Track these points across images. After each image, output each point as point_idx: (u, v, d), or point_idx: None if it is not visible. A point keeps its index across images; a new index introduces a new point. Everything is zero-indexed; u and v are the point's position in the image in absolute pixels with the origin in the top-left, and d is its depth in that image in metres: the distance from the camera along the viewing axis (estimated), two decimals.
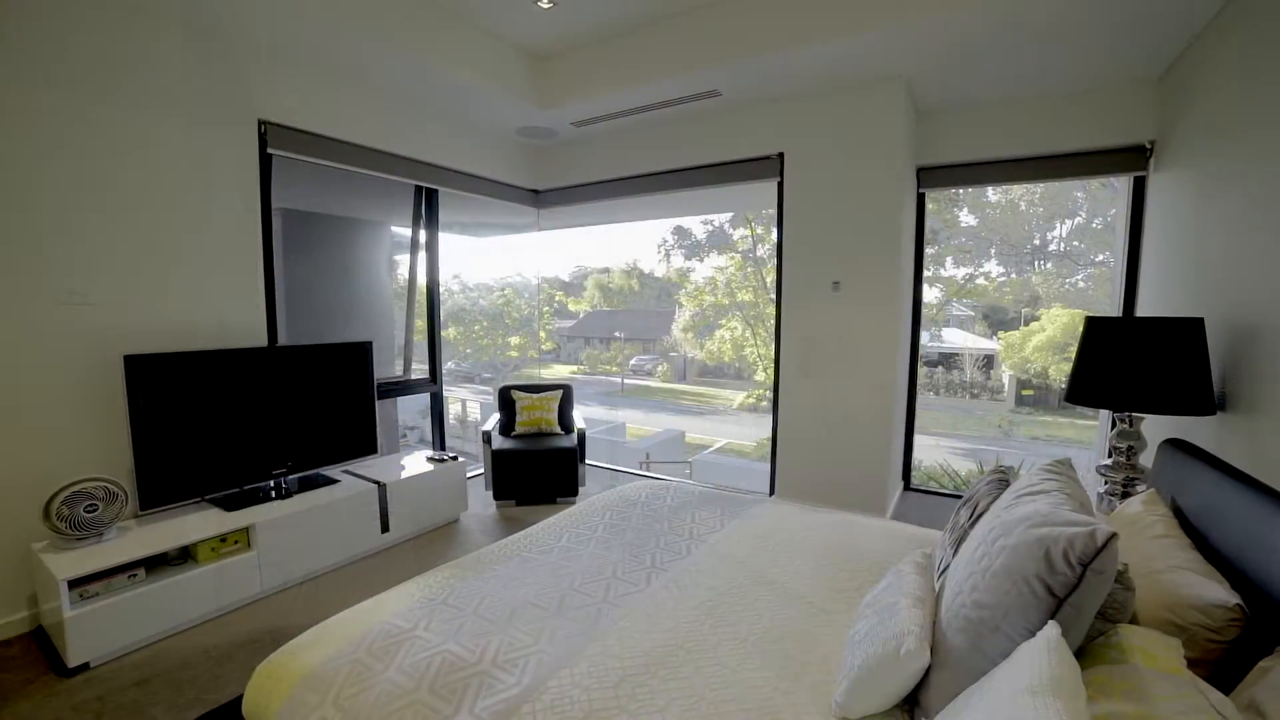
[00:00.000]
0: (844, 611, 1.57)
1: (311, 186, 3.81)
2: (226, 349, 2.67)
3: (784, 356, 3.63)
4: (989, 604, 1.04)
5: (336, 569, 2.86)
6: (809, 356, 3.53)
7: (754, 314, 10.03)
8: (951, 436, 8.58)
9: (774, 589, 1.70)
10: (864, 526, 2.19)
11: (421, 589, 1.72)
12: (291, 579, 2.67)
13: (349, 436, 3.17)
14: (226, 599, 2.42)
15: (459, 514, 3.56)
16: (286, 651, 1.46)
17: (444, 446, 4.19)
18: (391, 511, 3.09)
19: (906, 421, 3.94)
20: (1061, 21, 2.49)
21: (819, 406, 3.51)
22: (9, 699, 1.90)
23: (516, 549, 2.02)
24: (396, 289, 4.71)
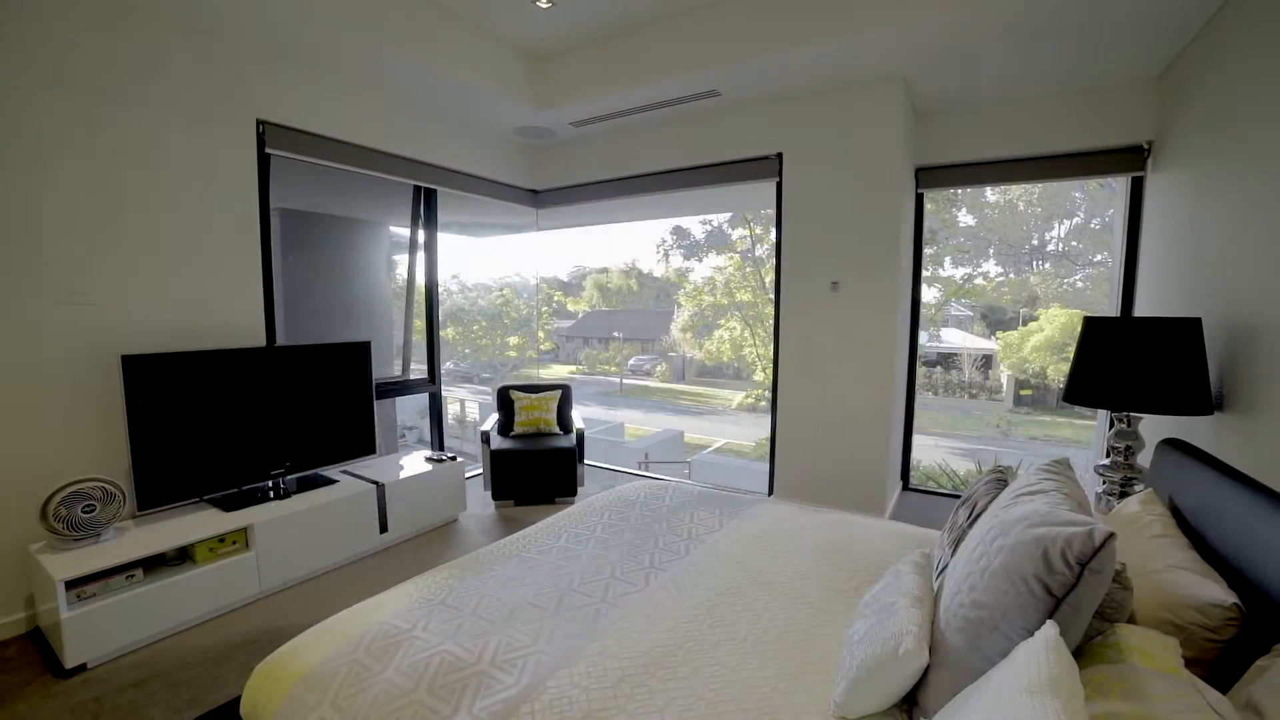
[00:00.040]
0: (842, 611, 1.57)
1: (310, 186, 3.80)
2: (225, 349, 2.66)
3: (783, 356, 3.63)
4: (987, 604, 1.04)
5: (335, 569, 2.86)
6: (808, 356, 3.53)
7: (753, 314, 10.03)
8: (950, 436, 8.59)
9: (772, 589, 1.70)
10: (862, 526, 2.19)
11: (420, 589, 1.71)
12: (290, 579, 2.67)
13: (347, 437, 3.16)
14: (224, 599, 2.42)
15: (458, 514, 3.55)
16: (285, 652, 1.46)
17: (442, 447, 4.19)
18: (390, 512, 3.08)
19: (905, 421, 3.94)
20: (1060, 21, 2.50)
21: (818, 406, 3.51)
22: (6, 700, 1.90)
23: (515, 549, 2.02)
24: (395, 289, 4.70)
